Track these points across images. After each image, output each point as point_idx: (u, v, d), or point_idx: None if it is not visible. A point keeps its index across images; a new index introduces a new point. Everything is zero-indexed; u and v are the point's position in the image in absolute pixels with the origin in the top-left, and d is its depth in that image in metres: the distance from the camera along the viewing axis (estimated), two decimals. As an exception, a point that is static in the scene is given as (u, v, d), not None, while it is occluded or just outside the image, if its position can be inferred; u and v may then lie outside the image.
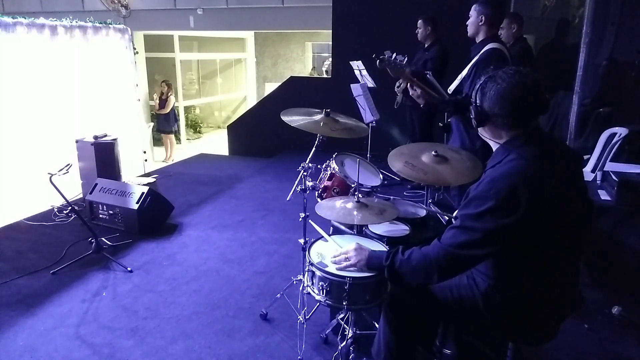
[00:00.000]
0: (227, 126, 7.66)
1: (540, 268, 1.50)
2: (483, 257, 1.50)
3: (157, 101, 9.26)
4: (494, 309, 1.57)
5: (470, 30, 2.96)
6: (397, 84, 4.45)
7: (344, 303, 1.84)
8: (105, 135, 4.63)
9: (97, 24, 5.37)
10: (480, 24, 2.88)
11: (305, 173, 2.46)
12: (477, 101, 1.54)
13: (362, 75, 5.25)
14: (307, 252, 2.01)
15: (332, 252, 1.94)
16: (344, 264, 1.81)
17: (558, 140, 1.65)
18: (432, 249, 1.53)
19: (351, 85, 4.95)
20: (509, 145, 1.52)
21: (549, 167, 1.45)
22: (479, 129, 1.61)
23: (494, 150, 1.61)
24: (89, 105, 5.27)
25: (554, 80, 4.26)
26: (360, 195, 2.13)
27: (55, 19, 4.88)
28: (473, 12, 2.93)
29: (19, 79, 4.48)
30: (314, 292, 1.93)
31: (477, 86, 1.55)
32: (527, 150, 1.47)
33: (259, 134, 7.13)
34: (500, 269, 1.55)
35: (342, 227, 2.47)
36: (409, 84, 3.01)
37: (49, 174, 3.06)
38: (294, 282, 2.74)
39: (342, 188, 2.54)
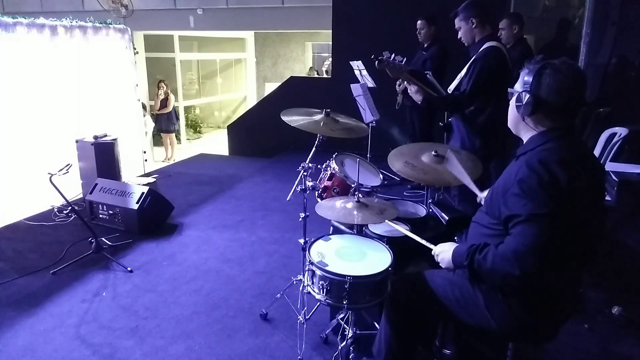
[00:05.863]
0: (227, 126, 7.66)
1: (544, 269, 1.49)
2: (556, 248, 1.39)
3: (158, 102, 9.18)
4: (495, 309, 1.57)
5: (466, 40, 2.90)
6: (398, 83, 4.45)
7: (344, 302, 1.84)
8: (105, 135, 4.64)
9: (97, 24, 5.36)
10: (473, 27, 2.84)
11: (305, 173, 2.46)
12: (530, 89, 1.49)
13: (362, 75, 5.25)
14: (307, 252, 2.01)
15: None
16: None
17: (586, 145, 1.65)
18: (506, 249, 1.42)
19: (351, 85, 4.95)
20: (547, 135, 1.51)
21: (580, 165, 1.47)
22: (525, 118, 1.55)
23: (524, 140, 1.60)
24: (89, 105, 5.26)
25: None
26: (360, 195, 2.13)
27: (55, 19, 4.87)
28: (461, 22, 2.87)
29: (19, 79, 4.48)
30: (314, 291, 1.94)
31: (528, 74, 1.50)
32: (563, 143, 1.48)
33: (259, 134, 7.13)
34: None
35: (342, 227, 2.47)
36: (406, 82, 3.00)
37: (49, 174, 3.07)
38: (294, 282, 2.74)
39: (342, 188, 2.54)
